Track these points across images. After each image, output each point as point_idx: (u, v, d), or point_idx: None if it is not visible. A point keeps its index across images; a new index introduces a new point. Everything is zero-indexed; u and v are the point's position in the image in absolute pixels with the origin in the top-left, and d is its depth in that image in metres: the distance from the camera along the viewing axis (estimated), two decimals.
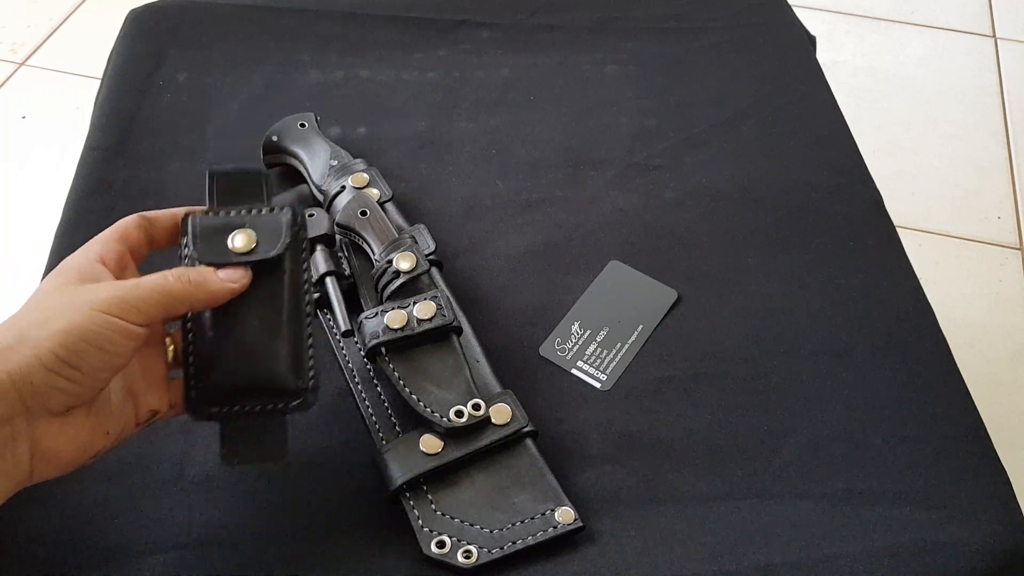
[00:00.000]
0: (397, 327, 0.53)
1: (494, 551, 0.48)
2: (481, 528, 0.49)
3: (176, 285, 0.43)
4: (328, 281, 0.56)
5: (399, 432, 0.52)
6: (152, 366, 0.46)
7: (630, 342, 0.59)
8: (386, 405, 0.53)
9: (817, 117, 0.75)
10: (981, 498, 0.51)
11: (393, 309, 0.53)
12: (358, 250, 0.59)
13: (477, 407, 0.51)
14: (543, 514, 0.49)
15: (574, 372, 0.58)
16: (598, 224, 0.66)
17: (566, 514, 0.49)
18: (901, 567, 0.47)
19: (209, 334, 0.46)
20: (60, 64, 1.52)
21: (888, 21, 1.67)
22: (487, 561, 0.47)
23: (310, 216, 0.58)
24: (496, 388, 0.54)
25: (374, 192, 0.63)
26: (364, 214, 0.59)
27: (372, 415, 0.53)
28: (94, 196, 0.67)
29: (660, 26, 0.83)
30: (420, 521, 0.49)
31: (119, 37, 0.81)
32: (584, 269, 0.63)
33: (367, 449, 0.52)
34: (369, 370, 0.55)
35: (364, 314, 0.54)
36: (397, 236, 0.57)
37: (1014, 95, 1.52)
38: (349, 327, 0.54)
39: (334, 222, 0.59)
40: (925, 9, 1.69)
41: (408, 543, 0.49)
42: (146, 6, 0.83)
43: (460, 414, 0.51)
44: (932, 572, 0.47)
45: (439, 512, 0.49)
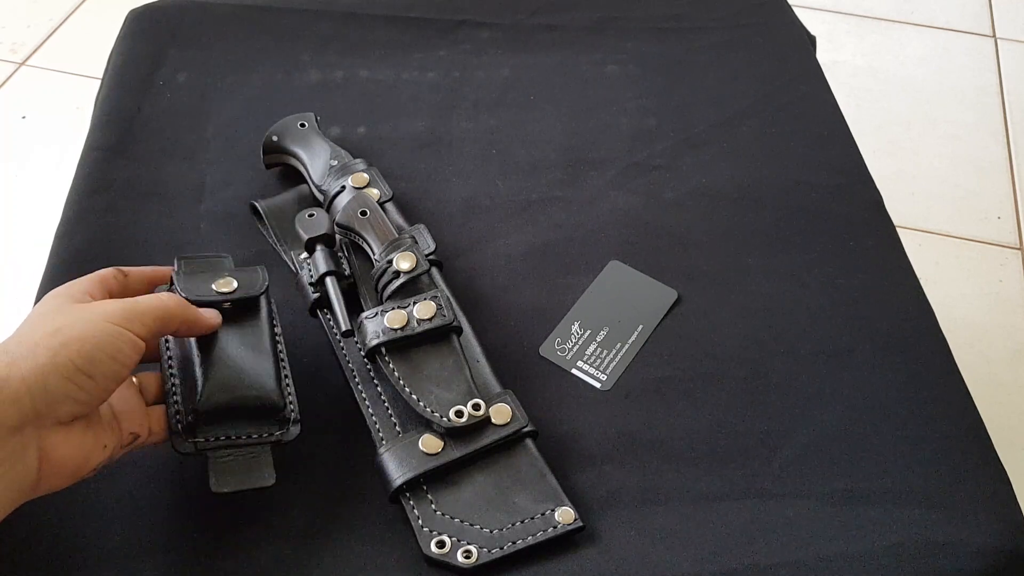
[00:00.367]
0: (397, 327, 0.53)
1: (494, 551, 0.48)
2: (481, 528, 0.49)
3: (171, 303, 0.47)
4: (328, 281, 0.56)
5: (399, 432, 0.52)
6: (128, 395, 0.48)
7: (630, 342, 0.59)
8: (386, 405, 0.53)
9: (817, 117, 0.75)
10: (981, 498, 0.51)
11: (393, 309, 0.53)
12: (358, 250, 0.59)
13: (477, 407, 0.51)
14: (543, 514, 0.49)
15: (574, 372, 0.58)
16: (598, 224, 0.66)
17: (566, 514, 0.49)
18: (901, 567, 0.47)
19: (192, 369, 0.49)
20: (60, 64, 1.52)
21: (888, 21, 1.67)
22: (487, 561, 0.47)
23: (310, 216, 0.58)
24: (496, 388, 0.54)
25: (374, 192, 0.63)
26: (364, 214, 0.59)
27: (372, 415, 0.53)
28: (94, 196, 0.67)
29: (660, 26, 0.83)
30: (420, 521, 0.49)
31: (119, 37, 0.81)
32: (584, 269, 0.63)
33: (367, 449, 0.52)
34: (369, 370, 0.55)
35: (364, 314, 0.54)
36: (397, 236, 0.57)
37: (1014, 95, 1.52)
38: (349, 327, 0.54)
39: (334, 222, 0.59)
40: (925, 9, 1.69)
41: (408, 543, 0.49)
42: (146, 6, 0.83)
43: (460, 414, 0.51)
44: (932, 572, 0.47)
45: (439, 512, 0.49)
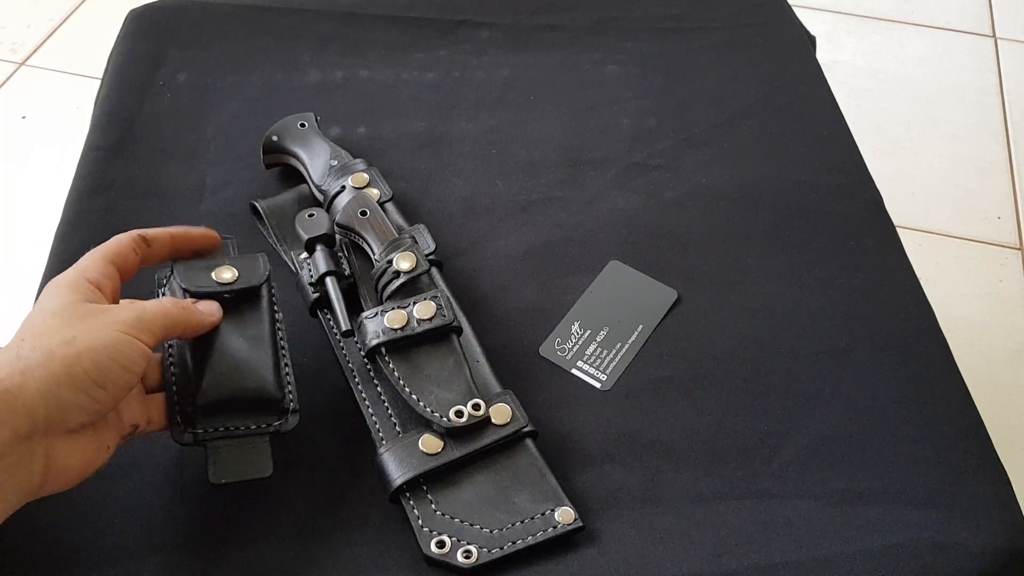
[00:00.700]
0: (397, 327, 0.53)
1: (494, 551, 0.48)
2: (481, 528, 0.49)
3: (174, 310, 0.47)
4: (328, 281, 0.56)
5: (399, 432, 0.52)
6: None
7: (630, 342, 0.59)
8: (386, 405, 0.53)
9: (817, 117, 0.75)
10: (981, 498, 0.51)
11: (393, 309, 0.53)
12: (358, 250, 0.59)
13: (477, 407, 0.51)
14: (543, 514, 0.49)
15: (574, 372, 0.58)
16: (598, 224, 0.66)
17: (566, 514, 0.49)
18: (901, 567, 0.47)
19: (192, 360, 0.49)
20: (60, 64, 1.52)
21: (888, 21, 1.67)
22: (487, 561, 0.47)
23: (310, 216, 0.58)
24: (496, 388, 0.54)
25: (374, 192, 0.63)
26: (364, 214, 0.59)
27: (372, 415, 0.53)
28: (94, 196, 0.67)
29: (660, 26, 0.83)
30: (420, 521, 0.49)
31: (119, 37, 0.81)
32: (584, 269, 0.63)
33: (367, 449, 0.52)
34: (369, 370, 0.55)
35: (364, 314, 0.54)
36: (397, 236, 0.57)
37: (1014, 95, 1.52)
38: (349, 327, 0.54)
39: (334, 222, 0.59)
40: (925, 9, 1.69)
41: (408, 543, 0.49)
42: (146, 6, 0.83)
43: (460, 414, 0.51)
44: (932, 572, 0.47)
45: (439, 512, 0.49)
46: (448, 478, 0.50)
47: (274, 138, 0.67)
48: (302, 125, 0.68)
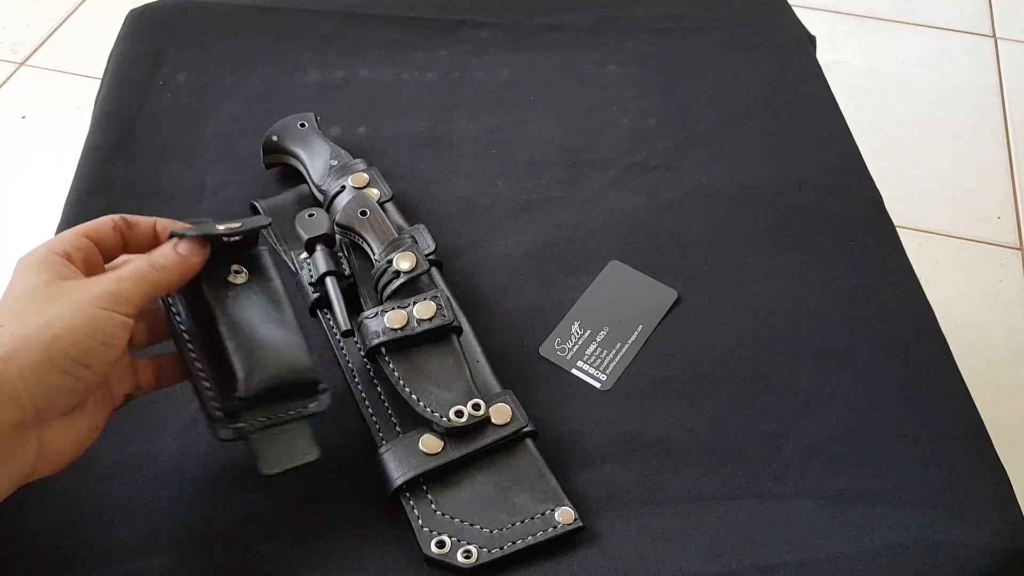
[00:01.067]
0: (397, 327, 0.53)
1: (494, 551, 0.48)
2: (481, 528, 0.49)
3: (151, 273, 0.45)
4: (328, 281, 0.56)
5: (399, 432, 0.52)
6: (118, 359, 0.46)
7: (630, 342, 0.59)
8: (386, 405, 0.53)
9: (817, 117, 0.75)
10: (981, 498, 0.51)
11: (393, 309, 0.53)
12: (358, 250, 0.59)
13: (477, 407, 0.51)
14: (543, 514, 0.49)
15: (574, 372, 0.58)
16: (598, 224, 0.66)
17: (566, 514, 0.49)
18: (901, 567, 0.47)
19: (218, 349, 0.47)
20: (60, 64, 1.52)
21: (888, 21, 1.67)
22: (487, 561, 0.47)
23: (310, 216, 0.58)
24: (496, 388, 0.54)
25: (374, 192, 0.63)
26: (364, 214, 0.59)
27: (372, 415, 0.53)
28: (94, 196, 0.67)
29: (660, 26, 0.83)
30: (420, 521, 0.49)
31: (119, 37, 0.81)
32: (584, 269, 0.63)
33: (367, 449, 0.52)
34: (369, 370, 0.55)
35: (364, 314, 0.54)
36: (397, 236, 0.57)
37: (1014, 95, 1.52)
38: (349, 327, 0.54)
39: (334, 222, 0.59)
40: (925, 9, 1.69)
41: (408, 543, 0.49)
42: (146, 6, 0.83)
43: (460, 414, 0.51)
44: (932, 572, 0.47)
45: (439, 512, 0.49)
46: (448, 478, 0.50)
47: (274, 138, 0.67)
48: (302, 125, 0.68)
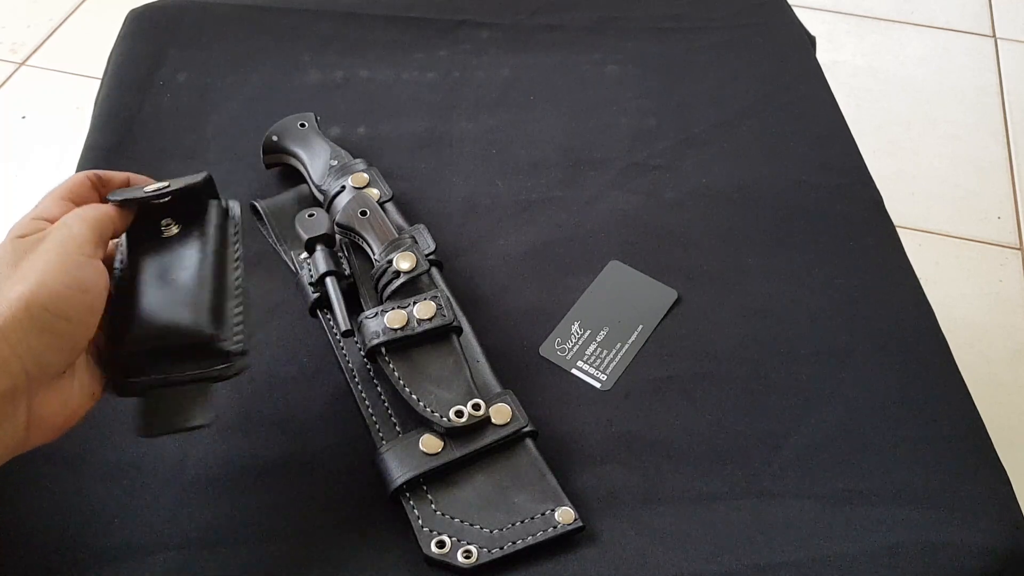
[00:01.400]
0: (397, 327, 0.53)
1: (494, 551, 0.48)
2: (481, 528, 0.49)
3: (92, 211, 0.45)
4: (328, 281, 0.56)
5: (399, 432, 0.52)
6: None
7: (630, 342, 0.59)
8: (386, 405, 0.53)
9: (817, 117, 0.75)
10: (981, 498, 0.51)
11: (393, 309, 0.53)
12: (358, 250, 0.59)
13: (477, 407, 0.51)
14: (543, 514, 0.49)
15: (574, 372, 0.58)
16: (598, 224, 0.66)
17: (566, 514, 0.49)
18: (901, 567, 0.47)
19: (124, 303, 0.45)
20: (60, 64, 1.52)
21: (888, 21, 1.67)
22: (487, 561, 0.47)
23: (310, 216, 0.58)
24: (496, 388, 0.54)
25: (374, 192, 0.63)
26: (364, 214, 0.59)
27: (372, 415, 0.53)
28: None
29: (660, 26, 0.83)
30: (420, 521, 0.49)
31: (119, 37, 0.81)
32: (584, 269, 0.63)
33: (367, 449, 0.52)
34: (369, 370, 0.55)
35: (364, 314, 0.54)
36: (397, 236, 0.57)
37: (1014, 95, 1.52)
38: (349, 327, 0.54)
39: (334, 222, 0.59)
40: (925, 9, 1.69)
41: (408, 543, 0.49)
42: (146, 6, 0.83)
43: (460, 414, 0.51)
44: (932, 572, 0.47)
45: (439, 512, 0.49)
46: (448, 478, 0.50)
47: (274, 138, 0.67)
48: (302, 125, 0.68)
